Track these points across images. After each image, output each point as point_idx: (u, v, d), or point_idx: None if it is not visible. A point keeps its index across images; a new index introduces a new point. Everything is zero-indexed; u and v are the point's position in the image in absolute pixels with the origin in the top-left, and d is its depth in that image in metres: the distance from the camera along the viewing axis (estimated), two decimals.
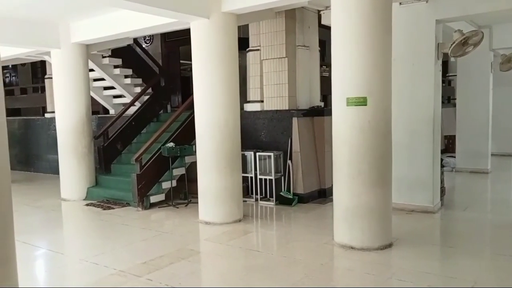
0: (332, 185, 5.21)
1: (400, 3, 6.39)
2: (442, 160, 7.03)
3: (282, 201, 7.29)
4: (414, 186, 6.48)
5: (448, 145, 12.76)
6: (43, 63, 12.56)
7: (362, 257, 4.66)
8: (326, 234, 5.42)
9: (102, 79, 10.17)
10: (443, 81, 11.53)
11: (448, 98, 15.26)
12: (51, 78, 9.46)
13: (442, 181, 6.86)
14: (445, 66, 14.15)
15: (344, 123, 4.82)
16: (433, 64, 6.30)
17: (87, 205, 7.86)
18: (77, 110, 8.17)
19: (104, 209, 7.44)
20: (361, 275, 4.26)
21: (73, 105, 8.13)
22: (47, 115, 11.87)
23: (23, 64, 14.25)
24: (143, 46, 11.07)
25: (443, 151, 10.01)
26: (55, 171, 9.89)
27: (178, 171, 7.83)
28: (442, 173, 6.91)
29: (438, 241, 5.68)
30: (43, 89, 12.52)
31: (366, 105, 4.69)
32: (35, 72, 14.88)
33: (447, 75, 14.88)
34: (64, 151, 8.31)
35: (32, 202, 8.13)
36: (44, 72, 12.70)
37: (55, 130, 8.81)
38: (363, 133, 4.72)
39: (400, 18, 6.20)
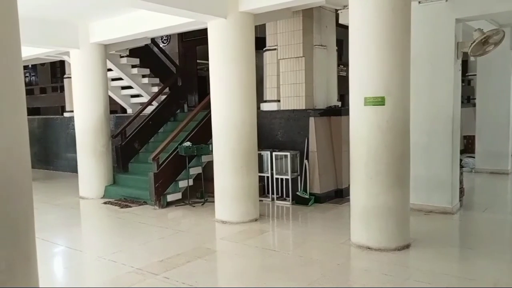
0: (349, 185, 5.18)
1: (419, 2, 6.31)
2: (461, 160, 6.93)
3: (299, 201, 7.28)
4: (432, 187, 6.39)
5: (468, 145, 12.57)
6: (62, 63, 12.74)
7: (379, 257, 4.62)
8: (342, 234, 5.38)
9: (120, 79, 10.28)
10: (462, 81, 11.36)
11: (468, 98, 15.03)
12: (70, 77, 9.60)
13: (461, 182, 6.76)
14: (465, 65, 13.94)
15: (362, 122, 4.79)
16: (453, 63, 6.21)
17: (105, 203, 7.96)
18: (96, 110, 8.28)
19: (122, 208, 7.52)
20: (378, 275, 4.22)
21: (92, 105, 8.25)
22: (66, 114, 12.06)
23: (42, 64, 14.48)
24: (161, 45, 11.15)
25: (462, 152, 9.87)
26: (74, 169, 10.03)
27: (195, 170, 7.88)
28: (461, 173, 6.81)
29: (457, 242, 5.60)
30: (62, 89, 12.71)
31: (384, 104, 4.65)
32: (54, 72, 15.11)
33: (466, 74, 14.66)
34: (82, 150, 8.42)
35: (51, 200, 8.26)
36: (63, 71, 12.89)
37: (73, 129, 8.92)
38: (381, 132, 4.68)
39: (419, 17, 6.13)
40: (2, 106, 2.06)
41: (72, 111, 10.22)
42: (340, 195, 7.65)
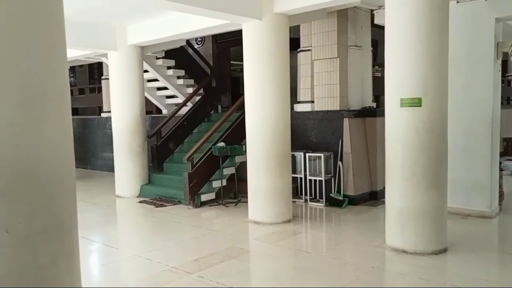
0: (384, 187, 5.11)
1: (458, 1, 6.15)
2: (500, 163, 6.70)
3: (332, 202, 7.22)
4: (470, 190, 6.21)
5: (507, 148, 12.15)
6: (99, 65, 13.10)
7: (415, 261, 4.54)
8: (377, 236, 5.31)
9: (156, 80, 10.48)
10: (502, 81, 10.97)
11: (508, 99, 14.52)
12: (108, 79, 9.86)
13: (500, 185, 6.55)
14: (505, 65, 13.47)
15: (398, 124, 4.72)
16: (492, 63, 6.02)
17: (140, 202, 8.13)
18: (132, 110, 8.48)
19: (157, 207, 7.67)
20: (413, 279, 4.14)
21: (128, 105, 8.45)
22: (103, 115, 12.39)
23: (80, 66, 14.93)
24: (195, 47, 11.30)
25: (501, 154, 9.53)
26: (110, 168, 10.30)
27: (228, 171, 7.95)
28: (500, 176, 6.59)
29: (495, 247, 5.41)
30: (99, 90, 13.06)
31: (421, 106, 4.57)
32: (92, 73, 15.54)
33: (506, 75, 14.17)
34: (119, 150, 8.64)
35: (89, 199, 8.50)
36: (100, 73, 13.25)
37: (110, 129, 9.16)
38: (417, 134, 4.60)
39: (458, 16, 5.98)
40: (49, 107, 2.15)
41: (109, 112, 10.52)
42: (374, 197, 7.55)
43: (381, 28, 7.55)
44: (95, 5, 6.48)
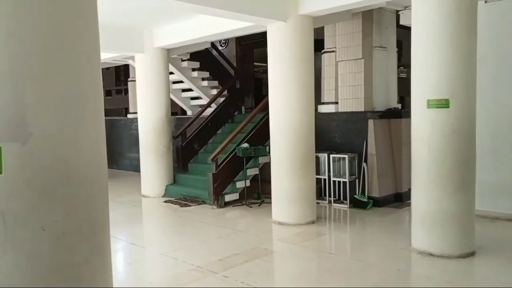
0: (409, 189, 5.07)
1: (486, 1, 6.05)
2: None
3: (356, 204, 7.19)
4: (499, 193, 6.09)
5: None
6: (125, 67, 13.35)
7: (441, 264, 4.48)
8: (402, 239, 5.26)
9: (181, 82, 10.63)
10: None
11: None
12: (134, 80, 10.04)
13: None
14: None
15: (424, 125, 4.67)
16: None
17: (165, 201, 8.26)
18: (158, 111, 8.62)
19: (181, 206, 7.77)
20: (440, 283, 4.09)
21: (154, 106, 8.60)
22: (129, 116, 12.62)
23: (107, 68, 15.25)
24: (219, 49, 11.40)
25: None
26: (136, 168, 10.49)
27: (252, 171, 8.00)
28: None
29: None
30: (126, 91, 13.31)
31: (448, 107, 4.51)
32: (118, 75, 15.85)
33: None
34: (145, 150, 8.79)
35: (116, 198, 8.66)
36: (126, 75, 13.50)
37: (136, 130, 9.33)
38: (444, 136, 4.54)
39: (486, 16, 5.87)
40: (85, 109, 2.23)
41: (135, 113, 10.72)
42: (399, 199, 7.47)
43: (406, 28, 7.51)
44: (124, 9, 6.62)
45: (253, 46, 10.82)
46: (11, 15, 1.97)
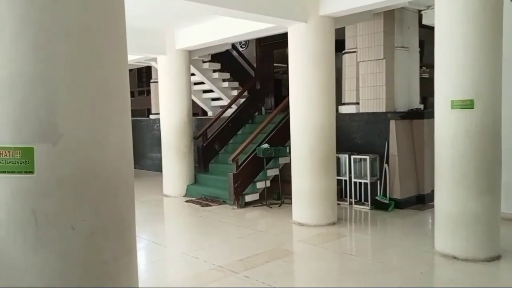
0: (432, 190, 5.02)
1: (511, 0, 5.92)
2: None
3: (378, 205, 7.13)
4: None
5: None
6: (147, 68, 13.53)
7: (466, 268, 4.41)
8: (425, 241, 5.21)
9: (202, 83, 10.72)
10: None
11: None
12: (157, 82, 10.18)
13: None
14: None
15: (448, 126, 4.61)
16: None
17: (186, 201, 8.34)
18: (180, 112, 8.72)
19: (202, 206, 7.84)
20: (465, 287, 4.03)
21: (176, 107, 8.70)
22: (151, 116, 12.79)
23: (130, 70, 15.47)
24: (240, 50, 11.46)
25: None
26: (157, 168, 10.62)
27: (272, 172, 8.02)
28: None
29: None
30: (148, 92, 13.47)
31: (472, 107, 4.45)
32: (141, 77, 16.06)
33: None
34: (167, 150, 8.90)
35: (138, 197, 8.72)
36: (148, 76, 13.68)
37: (158, 130, 9.44)
38: (469, 137, 4.48)
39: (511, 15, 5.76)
40: (113, 110, 2.28)
41: (157, 114, 10.85)
42: (422, 200, 7.38)
43: (429, 28, 7.42)
44: (147, 12, 6.72)
45: (273, 47, 10.83)
46: (42, 20, 2.03)
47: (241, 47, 11.74)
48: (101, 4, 2.23)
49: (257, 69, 10.96)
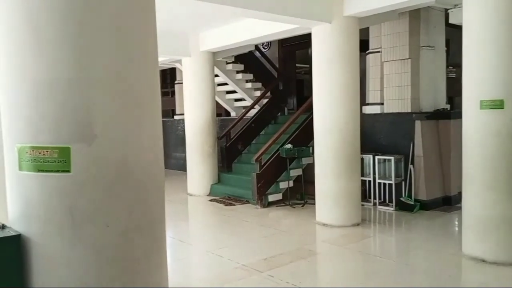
0: (458, 192, 4.94)
1: None
2: None
3: (403, 207, 7.05)
4: None
5: None
6: (171, 70, 13.69)
7: (496, 271, 4.33)
8: (452, 244, 5.14)
9: (225, 84, 10.80)
10: None
11: None
12: (181, 83, 10.30)
13: None
14: None
15: (477, 127, 4.54)
16: None
17: (210, 200, 8.43)
18: (204, 113, 8.82)
19: (226, 205, 7.91)
20: None
21: (201, 108, 8.80)
22: (176, 117, 12.94)
23: None
24: (262, 51, 11.49)
25: None
26: (181, 168, 10.74)
27: (295, 172, 8.02)
28: None
29: None
30: (172, 93, 13.64)
31: (503, 108, 4.37)
32: (165, 78, 16.25)
33: None
34: (191, 150, 9.01)
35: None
36: (172, 78, 13.84)
37: (182, 130, 9.55)
38: (499, 138, 4.40)
39: None
40: (146, 111, 2.34)
41: (181, 114, 10.98)
42: (448, 202, 7.27)
43: (455, 27, 7.31)
44: (173, 14, 6.82)
45: (295, 48, 10.83)
46: (79, 27, 2.10)
47: (263, 48, 11.77)
48: (134, 9, 2.29)
49: (280, 69, 10.98)
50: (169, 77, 14.83)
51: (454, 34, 8.06)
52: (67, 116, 2.11)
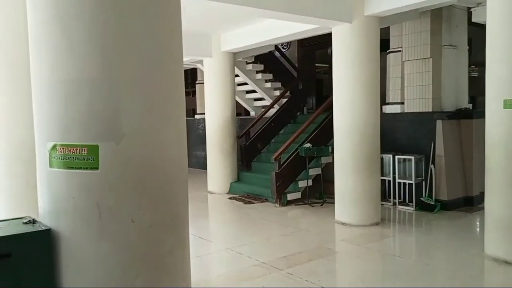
0: (480, 192, 4.89)
1: None
2: None
3: (423, 207, 7.00)
4: None
5: None
6: (192, 70, 13.83)
7: None
8: (474, 245, 5.08)
9: (245, 84, 10.87)
10: None
11: None
12: (202, 83, 10.41)
13: None
14: None
15: (500, 126, 4.49)
16: None
17: (230, 198, 8.51)
18: (224, 112, 8.91)
19: (245, 203, 7.98)
20: None
21: (221, 108, 8.90)
22: (196, 116, 13.09)
23: None
24: (282, 51, 11.52)
25: None
26: (201, 166, 10.85)
27: (314, 171, 8.04)
28: None
29: None
30: (193, 93, 13.78)
31: None
32: (186, 78, 16.41)
33: None
34: (211, 149, 9.11)
35: None
36: (193, 78, 13.99)
37: (202, 129, 9.65)
38: None
39: None
40: (171, 111, 2.41)
41: (202, 114, 11.10)
42: (470, 203, 7.18)
43: (477, 26, 7.21)
44: (196, 16, 6.89)
45: (314, 47, 10.82)
46: (106, 29, 2.18)
47: (283, 48, 11.79)
48: (160, 11, 2.36)
49: (299, 69, 10.99)
50: (190, 77, 14.98)
51: (476, 32, 7.95)
52: (96, 115, 2.18)
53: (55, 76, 2.22)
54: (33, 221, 2.36)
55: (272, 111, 10.01)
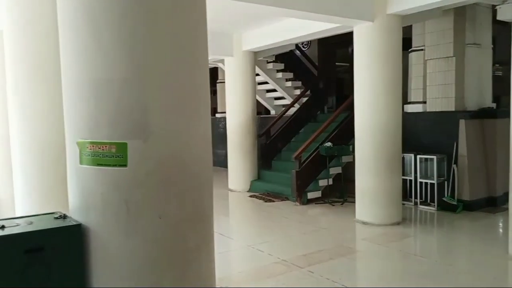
0: (504, 193, 4.83)
1: None
2: None
3: (445, 207, 6.93)
4: None
5: None
6: (212, 70, 13.93)
7: None
8: (497, 246, 5.03)
9: (265, 83, 10.91)
10: None
11: None
12: (223, 82, 10.49)
13: None
14: None
15: None
16: None
17: (250, 196, 8.58)
18: (245, 111, 8.98)
19: (266, 201, 8.03)
20: None
21: (242, 107, 8.98)
22: (217, 115, 13.20)
23: None
24: (302, 49, 11.52)
25: None
26: (222, 164, 10.94)
27: (335, 170, 8.04)
28: None
29: None
30: (214, 92, 13.91)
31: None
32: None
33: None
34: (232, 147, 9.20)
35: None
36: (213, 77, 14.10)
37: (223, 128, 9.73)
38: None
39: None
40: (196, 109, 2.45)
41: (223, 112, 11.18)
42: (493, 203, 7.08)
43: (502, 24, 7.08)
44: (217, 15, 6.97)
45: (335, 46, 10.80)
46: (135, 29, 2.24)
47: (303, 47, 11.78)
48: (186, 14, 2.41)
49: (320, 68, 10.97)
50: (211, 76, 15.13)
51: (501, 31, 7.81)
52: (124, 113, 2.24)
53: (85, 76, 2.28)
54: (64, 216, 2.42)
55: (292, 110, 10.03)
